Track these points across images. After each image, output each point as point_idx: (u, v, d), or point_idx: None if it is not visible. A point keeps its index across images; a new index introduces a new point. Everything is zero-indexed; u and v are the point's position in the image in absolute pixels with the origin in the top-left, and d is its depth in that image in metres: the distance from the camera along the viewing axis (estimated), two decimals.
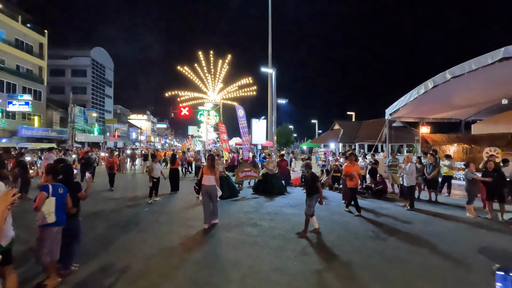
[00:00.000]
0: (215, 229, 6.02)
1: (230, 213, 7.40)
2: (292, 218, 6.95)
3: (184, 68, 28.53)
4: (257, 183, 11.07)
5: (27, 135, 28.24)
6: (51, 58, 37.74)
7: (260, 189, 10.73)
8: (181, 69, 28.51)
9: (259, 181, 10.94)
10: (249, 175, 10.87)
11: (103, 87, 49.83)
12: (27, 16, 30.79)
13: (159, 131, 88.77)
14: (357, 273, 3.98)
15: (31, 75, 31.11)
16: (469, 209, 7.13)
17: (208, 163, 6.40)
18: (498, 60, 8.18)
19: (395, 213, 7.51)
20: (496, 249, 4.97)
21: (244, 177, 10.85)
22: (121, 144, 50.80)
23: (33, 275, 3.76)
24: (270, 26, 18.38)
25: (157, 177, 8.88)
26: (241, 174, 10.75)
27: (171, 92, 29.21)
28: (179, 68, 28.66)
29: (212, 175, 6.27)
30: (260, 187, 10.78)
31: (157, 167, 8.91)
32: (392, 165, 10.10)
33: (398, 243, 5.22)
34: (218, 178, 6.35)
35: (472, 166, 7.39)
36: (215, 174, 6.30)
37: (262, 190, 10.58)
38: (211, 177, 6.26)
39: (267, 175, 10.92)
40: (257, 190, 10.79)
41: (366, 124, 29.72)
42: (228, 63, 29.51)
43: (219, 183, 6.48)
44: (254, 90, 28.93)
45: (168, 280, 3.76)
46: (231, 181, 10.23)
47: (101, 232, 5.79)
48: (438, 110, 13.71)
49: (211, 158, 6.52)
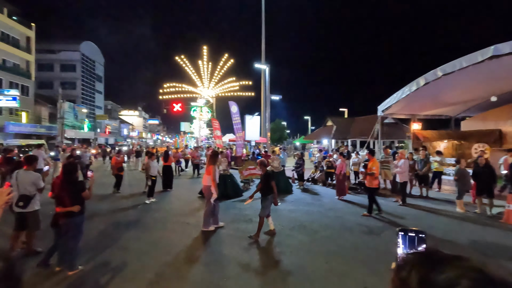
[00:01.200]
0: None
1: (228, 214, 7.40)
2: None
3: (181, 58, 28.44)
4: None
5: (15, 131, 27.58)
6: (39, 52, 36.78)
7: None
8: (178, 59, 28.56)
9: None
10: (254, 173, 10.32)
11: (93, 82, 48.91)
12: (13, 8, 29.85)
13: (151, 127, 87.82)
14: (352, 268, 4.04)
15: (18, 70, 30.28)
16: (459, 204, 7.30)
17: (207, 160, 6.00)
18: (488, 58, 8.33)
19: (388, 208, 7.64)
20: (487, 242, 5.13)
21: (248, 175, 10.42)
22: (112, 140, 50.12)
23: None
24: (263, 23, 18.29)
25: (155, 175, 8.48)
26: (245, 172, 10.30)
27: (165, 87, 28.96)
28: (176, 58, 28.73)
29: (207, 175, 5.76)
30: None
31: (154, 164, 8.51)
32: (384, 161, 10.24)
33: (391, 238, 5.32)
34: (214, 178, 5.69)
35: (463, 162, 7.56)
36: (210, 173, 5.71)
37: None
38: (207, 176, 5.79)
39: (272, 173, 10.49)
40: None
41: (359, 121, 29.99)
42: (225, 61, 29.41)
43: (216, 183, 5.80)
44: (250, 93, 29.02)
45: (164, 277, 3.75)
46: (235, 180, 9.76)
47: (97, 230, 5.72)
48: (429, 107, 13.93)
49: (212, 154, 5.99)
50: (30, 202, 4.16)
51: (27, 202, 4.14)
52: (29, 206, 4.17)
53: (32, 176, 4.25)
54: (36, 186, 4.25)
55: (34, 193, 4.23)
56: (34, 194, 4.24)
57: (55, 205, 3.76)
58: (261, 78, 18.74)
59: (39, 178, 4.34)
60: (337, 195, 8.91)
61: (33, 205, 4.23)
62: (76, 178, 3.85)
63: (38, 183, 4.27)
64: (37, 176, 4.32)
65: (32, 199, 4.19)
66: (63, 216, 3.64)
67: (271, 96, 20.00)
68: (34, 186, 4.23)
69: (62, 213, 3.63)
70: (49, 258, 3.84)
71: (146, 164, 8.49)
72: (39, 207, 4.35)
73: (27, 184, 4.16)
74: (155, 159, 8.89)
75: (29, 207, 4.17)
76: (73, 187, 3.69)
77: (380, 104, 13.06)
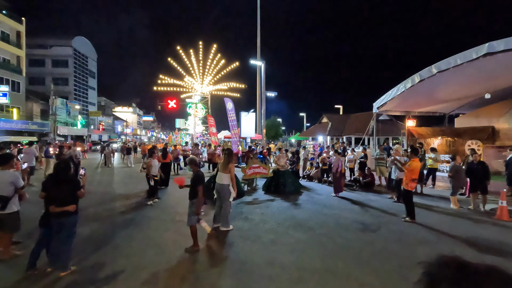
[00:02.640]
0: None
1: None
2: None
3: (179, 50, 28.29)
4: (268, 181, 9.75)
5: (6, 128, 27.07)
6: (30, 48, 36.10)
7: (272, 188, 9.42)
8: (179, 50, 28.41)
9: (270, 179, 9.69)
10: (258, 172, 9.67)
11: (86, 78, 48.20)
12: (3, 2, 29.18)
13: (145, 124, 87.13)
14: (349, 266, 4.03)
15: (8, 65, 29.68)
16: (453, 200, 7.37)
17: (224, 159, 5.68)
18: (482, 55, 8.40)
19: (383, 205, 7.68)
20: (481, 238, 5.15)
21: (252, 175, 9.75)
22: (106, 137, 49.56)
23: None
24: (258, 19, 18.17)
25: (156, 174, 7.95)
26: (249, 171, 9.65)
27: (161, 78, 28.70)
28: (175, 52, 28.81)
29: (226, 173, 5.53)
30: (271, 186, 9.47)
31: (156, 163, 7.97)
32: (380, 158, 10.28)
33: (387, 235, 5.34)
34: (233, 177, 5.55)
35: (459, 158, 7.62)
36: (230, 172, 5.50)
37: (275, 190, 9.30)
38: (225, 175, 5.53)
39: (278, 171, 9.62)
40: (269, 189, 9.48)
41: (354, 117, 30.11)
42: (215, 53, 29.21)
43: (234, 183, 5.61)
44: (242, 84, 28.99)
45: (158, 277, 3.70)
46: (237, 180, 8.67)
47: (90, 229, 5.62)
48: (423, 104, 14.03)
49: (228, 153, 5.75)
50: (8, 203, 3.95)
51: (5, 204, 3.92)
52: (8, 207, 3.95)
53: (9, 176, 4.04)
54: (14, 185, 4.03)
55: (12, 194, 4.01)
56: (13, 195, 4.02)
57: (45, 205, 3.67)
58: (256, 75, 18.65)
59: (17, 177, 4.13)
60: (335, 192, 8.91)
61: (12, 206, 4.01)
62: (70, 176, 3.74)
63: (16, 182, 4.05)
64: (15, 176, 4.10)
65: (10, 200, 3.97)
66: (57, 215, 3.54)
67: (266, 92, 19.94)
68: (12, 186, 4.01)
69: (57, 213, 3.52)
70: (35, 261, 3.70)
71: (148, 163, 7.84)
72: (18, 208, 4.14)
73: (3, 184, 3.94)
74: (156, 157, 8.30)
75: (8, 208, 3.96)
76: (67, 185, 3.60)
77: (375, 101, 13.11)
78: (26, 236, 4.65)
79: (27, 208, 5.06)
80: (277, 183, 9.36)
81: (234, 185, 5.56)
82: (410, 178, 6.07)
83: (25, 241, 4.58)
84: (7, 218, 3.97)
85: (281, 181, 9.32)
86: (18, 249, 4.30)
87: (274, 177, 9.53)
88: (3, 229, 4.02)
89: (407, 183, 6.14)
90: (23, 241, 4.59)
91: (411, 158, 6.31)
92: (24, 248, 4.36)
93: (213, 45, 29.59)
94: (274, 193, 9.11)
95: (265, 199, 8.48)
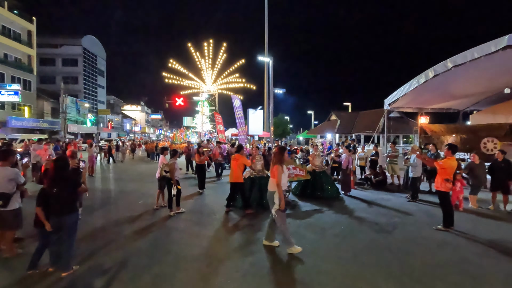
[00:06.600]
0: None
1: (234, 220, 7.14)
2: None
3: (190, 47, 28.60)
4: (303, 185, 8.37)
5: (18, 126, 27.59)
6: (41, 47, 36.69)
7: (308, 192, 8.21)
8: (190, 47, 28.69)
9: (305, 182, 8.29)
10: (295, 174, 7.90)
11: (95, 77, 48.79)
12: (14, 2, 29.63)
13: (153, 122, 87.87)
14: (364, 269, 3.80)
15: (20, 64, 30.18)
16: (472, 199, 7.03)
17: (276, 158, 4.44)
18: (501, 48, 7.97)
19: (397, 204, 7.38)
20: (504, 239, 4.85)
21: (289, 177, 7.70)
22: (115, 135, 50.17)
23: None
24: (266, 15, 17.91)
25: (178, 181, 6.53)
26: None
27: (168, 79, 28.83)
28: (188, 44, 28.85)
29: (272, 177, 4.43)
30: (307, 190, 8.24)
31: (178, 166, 6.64)
32: (392, 156, 9.97)
33: (403, 236, 5.08)
34: (279, 182, 4.27)
35: (476, 157, 7.27)
36: (275, 176, 4.32)
37: (311, 194, 8.12)
38: (271, 179, 4.46)
39: (314, 173, 8.24)
40: (303, 194, 8.26)
41: (363, 115, 29.62)
42: (224, 51, 29.12)
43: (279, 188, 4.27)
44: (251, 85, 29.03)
45: (163, 278, 3.55)
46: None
47: (93, 228, 5.53)
48: (437, 100, 13.57)
49: (279, 151, 4.49)
50: (9, 200, 3.87)
51: (7, 201, 3.84)
52: (10, 204, 3.88)
53: (9, 172, 3.95)
54: (15, 182, 3.95)
55: (13, 191, 3.93)
56: (14, 191, 3.95)
57: (44, 205, 3.53)
58: (264, 72, 18.41)
59: (17, 173, 4.04)
60: (342, 189, 8.64)
61: (14, 203, 3.94)
62: (68, 174, 3.62)
63: (17, 179, 3.97)
64: (15, 172, 4.01)
65: (11, 197, 3.90)
66: (57, 215, 3.41)
67: (274, 89, 19.70)
68: (13, 183, 3.93)
69: (57, 212, 3.40)
70: (37, 260, 3.59)
71: (170, 166, 6.43)
72: (20, 205, 4.08)
73: (4, 181, 3.86)
74: (178, 158, 7.07)
75: (10, 205, 3.88)
76: (66, 183, 3.47)
77: (385, 98, 12.73)
78: (28, 233, 4.57)
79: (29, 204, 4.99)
80: (313, 186, 8.19)
81: (281, 192, 4.26)
82: (443, 177, 5.38)
83: (27, 239, 4.52)
84: (8, 215, 3.90)
85: (318, 185, 8.17)
86: (20, 247, 4.23)
87: (311, 180, 8.18)
88: (4, 226, 3.96)
89: (440, 183, 5.41)
90: (26, 239, 4.52)
91: (447, 156, 5.56)
92: (26, 246, 4.29)
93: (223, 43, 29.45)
94: (310, 198, 7.95)
95: (309, 208, 7.01)
